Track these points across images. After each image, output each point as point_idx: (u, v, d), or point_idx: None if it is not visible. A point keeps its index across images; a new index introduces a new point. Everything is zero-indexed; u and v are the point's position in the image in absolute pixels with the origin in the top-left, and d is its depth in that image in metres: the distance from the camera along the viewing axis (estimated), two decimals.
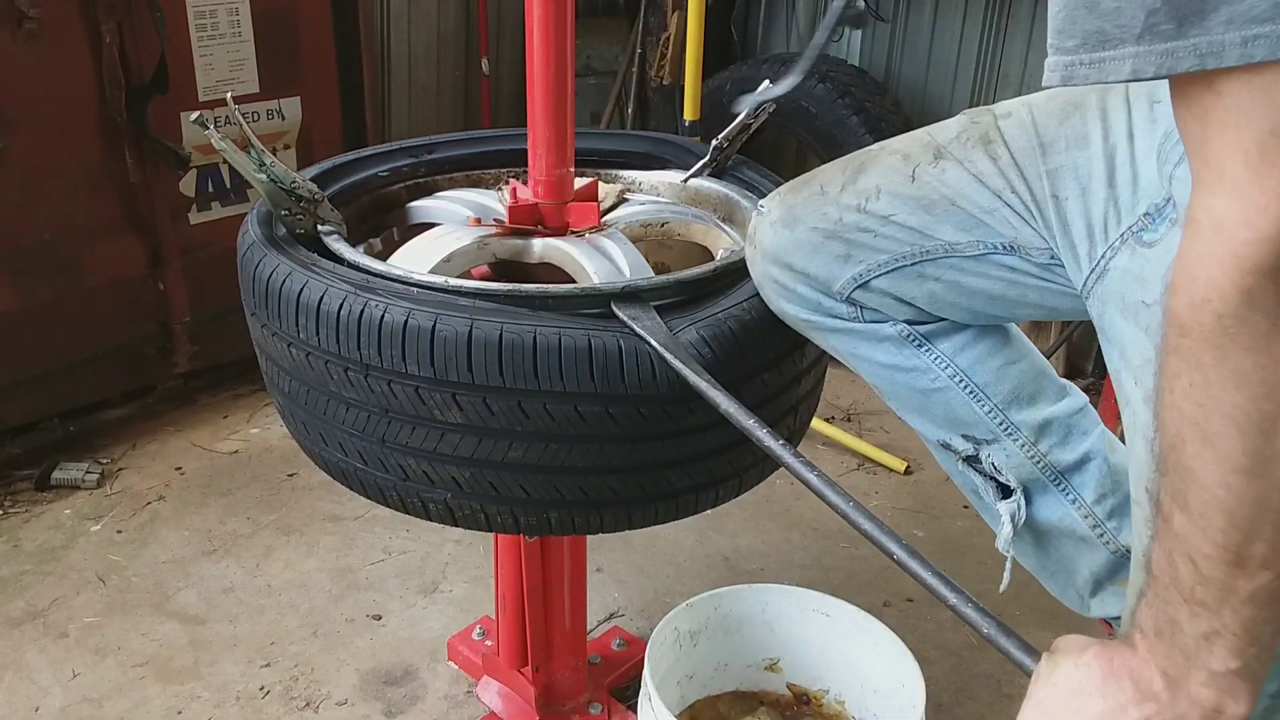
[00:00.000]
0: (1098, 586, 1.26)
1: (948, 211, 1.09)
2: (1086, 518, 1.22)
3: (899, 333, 1.19)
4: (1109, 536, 1.23)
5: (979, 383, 1.20)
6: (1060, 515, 1.23)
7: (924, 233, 1.11)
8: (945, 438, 1.24)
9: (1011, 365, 1.21)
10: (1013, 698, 1.87)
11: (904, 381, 1.22)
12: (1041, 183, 1.04)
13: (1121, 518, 1.23)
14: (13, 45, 2.16)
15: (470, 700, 1.83)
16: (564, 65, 1.36)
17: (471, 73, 3.84)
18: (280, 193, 1.32)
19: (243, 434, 2.66)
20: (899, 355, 1.20)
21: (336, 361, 1.18)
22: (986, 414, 1.20)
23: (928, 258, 1.12)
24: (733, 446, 1.26)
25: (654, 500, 1.26)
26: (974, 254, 1.10)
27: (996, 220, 1.08)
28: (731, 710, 1.63)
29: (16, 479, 2.41)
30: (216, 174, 2.59)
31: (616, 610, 2.08)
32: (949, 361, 1.19)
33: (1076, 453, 1.22)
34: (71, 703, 1.82)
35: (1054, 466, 1.22)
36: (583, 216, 1.46)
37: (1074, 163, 1.02)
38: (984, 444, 1.22)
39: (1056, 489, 1.23)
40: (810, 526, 2.34)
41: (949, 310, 1.17)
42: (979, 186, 1.08)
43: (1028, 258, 1.08)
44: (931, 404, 1.22)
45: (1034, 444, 1.21)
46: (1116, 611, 1.26)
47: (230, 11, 2.50)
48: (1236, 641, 0.73)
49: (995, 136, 1.08)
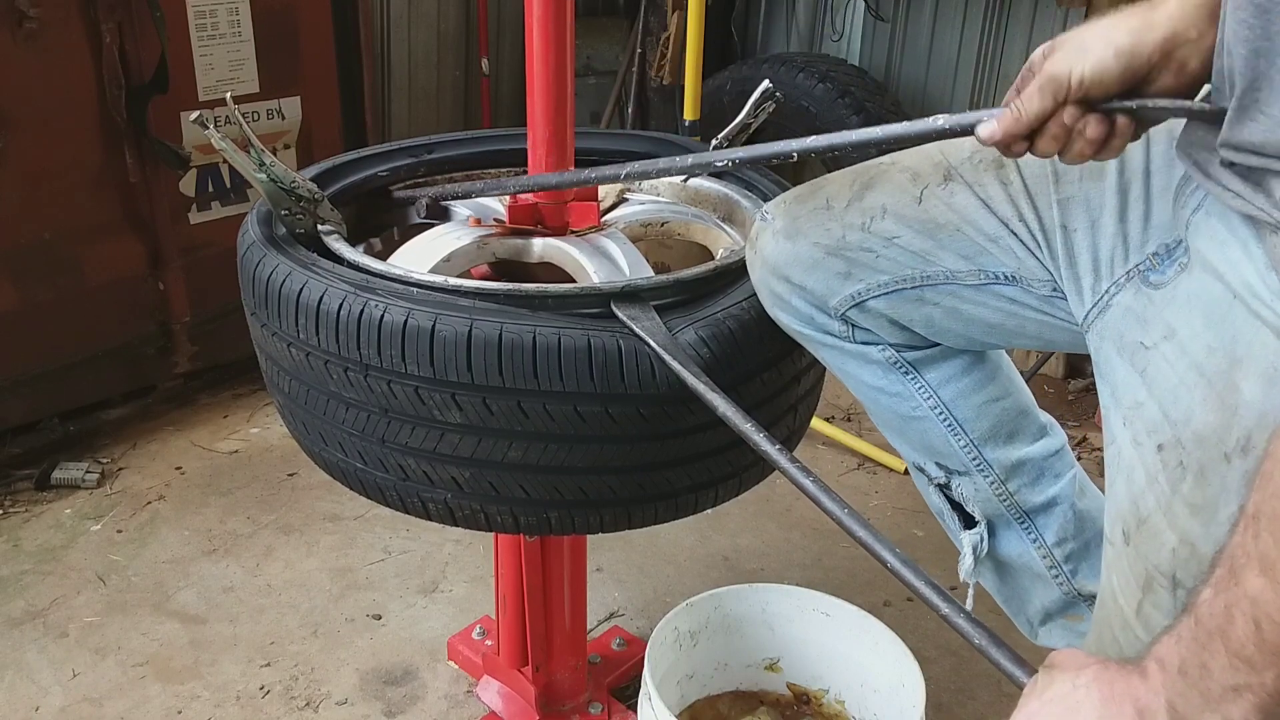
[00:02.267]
0: (1047, 618, 1.30)
1: (952, 237, 1.09)
2: (1044, 558, 1.26)
3: (886, 358, 1.20)
4: (1064, 579, 1.26)
5: (958, 417, 1.21)
6: (1019, 552, 1.26)
7: (926, 258, 1.11)
8: (920, 462, 1.27)
9: (994, 403, 1.22)
10: (1012, 697, 1.85)
11: (886, 404, 1.24)
12: (1052, 211, 1.03)
13: (1079, 562, 1.26)
14: (13, 45, 2.16)
15: (470, 700, 1.83)
16: (563, 65, 1.36)
17: (471, 73, 3.85)
18: (280, 192, 1.32)
19: (243, 434, 2.66)
20: (885, 379, 1.21)
21: (336, 361, 1.18)
22: (961, 447, 1.22)
23: (928, 283, 1.12)
24: (732, 446, 1.26)
25: (654, 500, 1.26)
26: (975, 283, 1.10)
27: (1001, 249, 1.07)
28: (731, 710, 1.63)
29: (16, 479, 2.41)
30: (216, 174, 2.59)
31: (616, 610, 2.08)
32: (932, 392, 1.21)
33: (1044, 495, 1.24)
34: (71, 702, 1.82)
35: (1019, 506, 1.24)
36: (582, 216, 1.46)
37: (1086, 194, 1.01)
38: (955, 474, 1.25)
39: (1019, 527, 1.25)
40: (810, 526, 2.34)
41: (945, 336, 1.17)
42: (986, 213, 1.07)
43: (1029, 289, 1.08)
44: (910, 429, 1.24)
45: (1003, 483, 1.23)
46: (1062, 644, 1.29)
47: (230, 11, 2.50)
48: (1268, 701, 0.71)
49: (1009, 161, 1.06)
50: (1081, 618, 1.28)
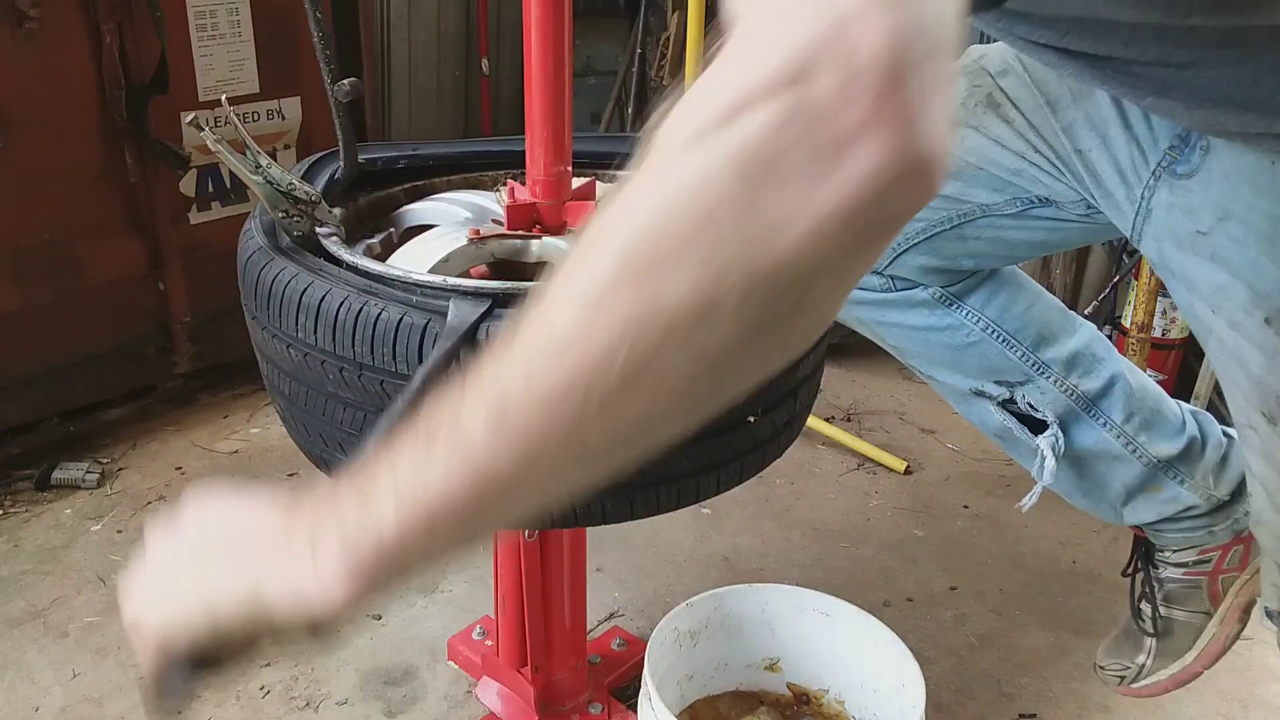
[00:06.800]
0: (1129, 497, 1.34)
1: (977, 175, 1.10)
2: (1119, 437, 1.29)
3: (932, 295, 1.23)
4: (1140, 450, 1.30)
5: (1009, 330, 1.25)
6: (1095, 439, 1.30)
7: (958, 199, 1.12)
8: (978, 385, 1.30)
9: (1032, 308, 1.27)
10: (1013, 697, 1.86)
11: (937, 340, 1.27)
12: (1060, 139, 1.03)
13: (1149, 431, 1.30)
14: (12, 45, 2.16)
15: (470, 700, 1.83)
16: (562, 64, 1.36)
17: (472, 73, 3.84)
18: (277, 195, 1.32)
19: (243, 434, 2.66)
20: (932, 317, 1.24)
21: (333, 361, 1.18)
22: (1020, 358, 1.26)
23: (966, 219, 1.13)
24: (731, 429, 1.26)
25: (654, 486, 1.25)
26: (1012, 211, 1.11)
27: (1026, 179, 1.08)
28: (731, 710, 1.63)
29: (16, 479, 2.41)
30: (216, 174, 2.59)
31: (616, 610, 2.07)
32: (980, 315, 1.24)
33: (1102, 379, 1.28)
34: (71, 703, 1.82)
35: (1085, 396, 1.28)
36: (581, 216, 1.46)
37: (1086, 114, 1.01)
38: (1017, 386, 1.28)
39: (1089, 416, 1.29)
40: (810, 526, 2.34)
41: (991, 261, 1.20)
42: (1001, 149, 1.08)
43: (1064, 208, 1.08)
44: (965, 357, 1.27)
45: (1065, 378, 1.27)
46: (1151, 515, 1.35)
47: (230, 11, 2.50)
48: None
49: (1001, 99, 1.07)
50: (1160, 487, 1.32)
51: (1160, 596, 1.42)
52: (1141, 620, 1.45)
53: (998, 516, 2.39)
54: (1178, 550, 1.38)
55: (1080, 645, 1.96)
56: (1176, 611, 1.41)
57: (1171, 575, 1.40)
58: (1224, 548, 1.36)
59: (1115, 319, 2.64)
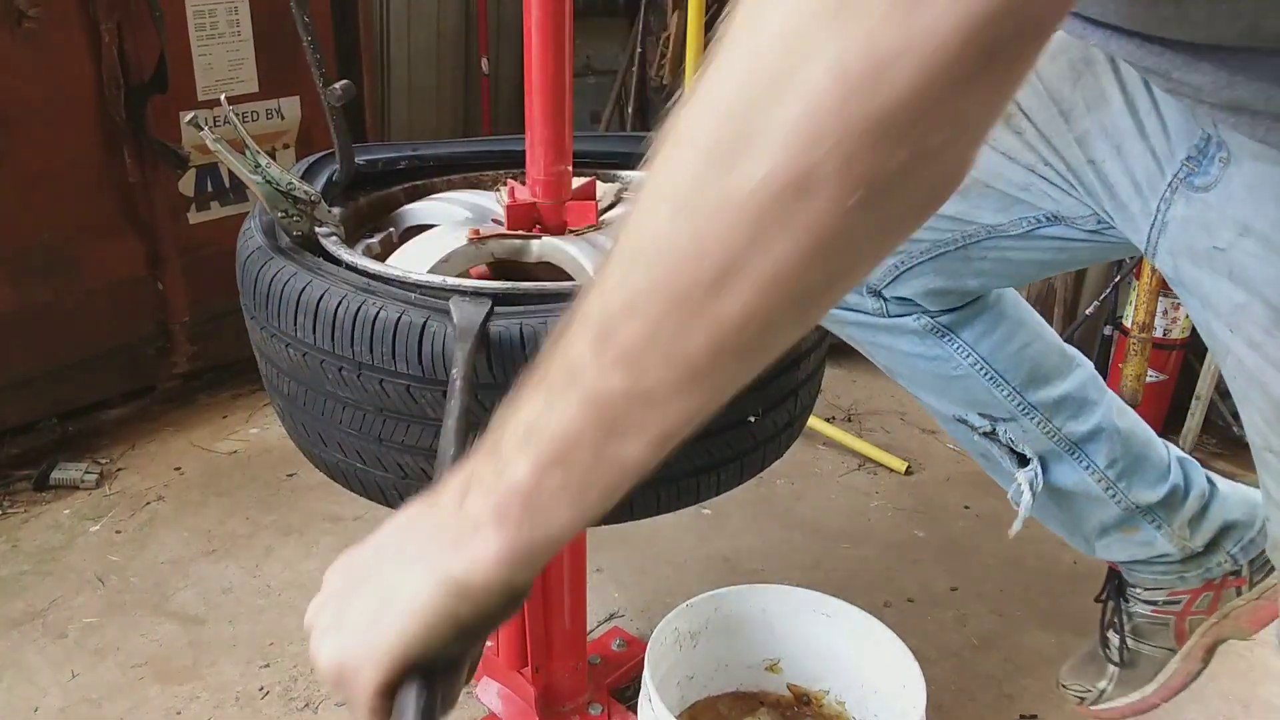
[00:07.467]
0: (1104, 533, 1.34)
1: (983, 194, 1.06)
2: (1099, 481, 1.28)
3: (923, 325, 1.20)
4: (1120, 496, 1.29)
5: (998, 368, 1.23)
6: (1075, 480, 1.29)
7: (962, 219, 1.09)
8: (961, 414, 1.28)
9: (1028, 348, 1.24)
10: (1013, 698, 1.86)
11: (925, 368, 1.25)
12: (1073, 150, 1.00)
13: (1131, 478, 1.29)
14: (12, 45, 2.16)
15: (470, 700, 1.83)
16: (562, 64, 1.36)
17: (471, 72, 3.84)
18: (276, 195, 1.32)
19: (242, 434, 2.65)
20: (922, 345, 1.22)
21: (332, 360, 1.18)
22: (1005, 396, 1.24)
23: (971, 240, 1.10)
24: (731, 428, 1.26)
25: (654, 485, 1.25)
26: (1019, 232, 1.08)
27: (1035, 195, 1.04)
28: (732, 711, 1.62)
29: (16, 479, 2.40)
30: (216, 174, 2.59)
31: (616, 610, 2.07)
32: (970, 350, 1.22)
33: (1089, 424, 1.27)
34: (71, 703, 1.81)
35: (1068, 439, 1.27)
36: (581, 215, 1.46)
37: (1100, 123, 0.97)
38: (1000, 421, 1.26)
39: (1071, 458, 1.28)
40: (811, 527, 2.34)
41: (996, 281, 1.18)
42: (1010, 164, 1.04)
43: (1073, 225, 1.05)
44: (951, 387, 1.25)
45: (1049, 420, 1.25)
46: (1122, 555, 1.36)
47: (229, 11, 2.49)
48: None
49: (1013, 108, 1.03)
50: (1136, 529, 1.32)
51: (1129, 629, 1.43)
52: (1108, 649, 1.46)
53: (999, 517, 2.38)
54: (1148, 589, 1.39)
55: (1081, 646, 1.95)
56: (1143, 645, 1.42)
57: (1141, 611, 1.41)
58: (1194, 592, 1.36)
59: (1116, 319, 2.64)
